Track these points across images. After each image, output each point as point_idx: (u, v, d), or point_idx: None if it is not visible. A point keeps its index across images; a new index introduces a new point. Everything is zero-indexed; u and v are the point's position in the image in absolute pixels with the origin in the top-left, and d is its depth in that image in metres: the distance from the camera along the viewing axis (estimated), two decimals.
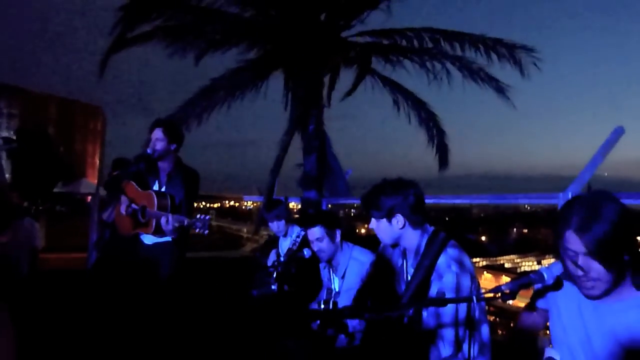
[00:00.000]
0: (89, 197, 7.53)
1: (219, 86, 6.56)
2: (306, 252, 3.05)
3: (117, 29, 6.07)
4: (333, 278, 3.09)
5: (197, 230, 3.12)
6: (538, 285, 1.66)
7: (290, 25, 6.27)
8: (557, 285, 1.64)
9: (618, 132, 3.26)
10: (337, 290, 3.03)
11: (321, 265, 3.23)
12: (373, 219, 2.17)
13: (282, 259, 3.65)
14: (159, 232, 3.35)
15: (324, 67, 6.51)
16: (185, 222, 3.13)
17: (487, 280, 36.39)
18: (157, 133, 3.42)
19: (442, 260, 2.02)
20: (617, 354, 1.45)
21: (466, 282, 1.98)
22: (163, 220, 3.19)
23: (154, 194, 3.39)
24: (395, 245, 2.24)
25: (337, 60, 6.41)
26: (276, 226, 3.99)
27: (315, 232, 2.92)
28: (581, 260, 1.40)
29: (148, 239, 3.50)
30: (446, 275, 1.97)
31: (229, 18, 6.55)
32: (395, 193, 2.09)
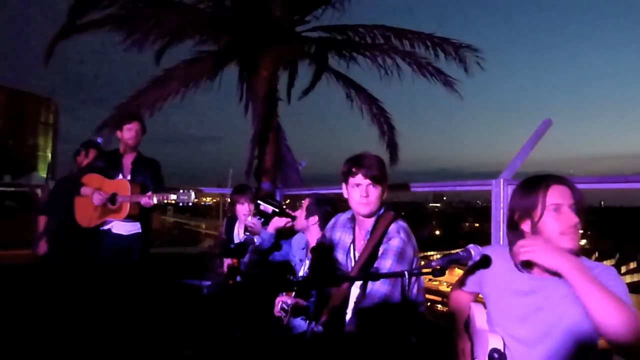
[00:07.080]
0: (39, 191, 7.34)
1: (173, 76, 6.52)
2: (257, 240, 3.06)
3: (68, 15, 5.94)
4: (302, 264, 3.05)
5: (180, 204, 3.46)
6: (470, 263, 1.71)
7: (244, 18, 6.30)
8: (484, 262, 1.70)
9: (546, 124, 3.47)
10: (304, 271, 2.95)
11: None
12: (370, 185, 2.16)
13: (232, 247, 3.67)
14: (130, 217, 3.54)
15: (280, 60, 6.57)
16: (172, 195, 3.37)
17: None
18: (136, 127, 3.62)
19: (392, 227, 2.15)
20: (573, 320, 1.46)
21: (409, 252, 2.09)
22: (144, 199, 3.38)
23: (126, 180, 3.58)
24: (352, 218, 2.33)
25: (293, 52, 6.47)
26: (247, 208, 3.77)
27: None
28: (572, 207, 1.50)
29: (118, 228, 3.62)
30: (393, 238, 2.10)
31: (183, 9, 6.52)
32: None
